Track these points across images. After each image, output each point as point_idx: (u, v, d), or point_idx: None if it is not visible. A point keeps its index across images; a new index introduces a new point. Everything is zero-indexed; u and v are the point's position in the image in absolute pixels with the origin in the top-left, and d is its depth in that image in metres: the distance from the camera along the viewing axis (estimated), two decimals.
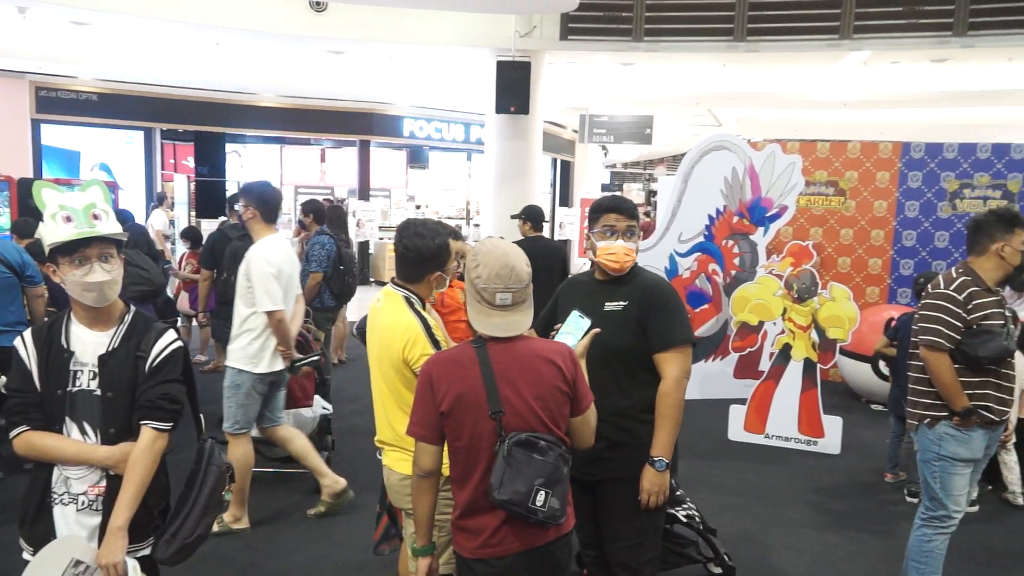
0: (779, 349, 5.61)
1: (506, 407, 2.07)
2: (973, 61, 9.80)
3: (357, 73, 11.98)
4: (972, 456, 3.18)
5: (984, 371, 3.13)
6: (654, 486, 2.59)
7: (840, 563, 3.98)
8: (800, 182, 6.78)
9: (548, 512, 2.06)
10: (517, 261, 2.16)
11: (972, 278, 3.16)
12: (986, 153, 7.34)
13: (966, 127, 15.15)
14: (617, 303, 2.68)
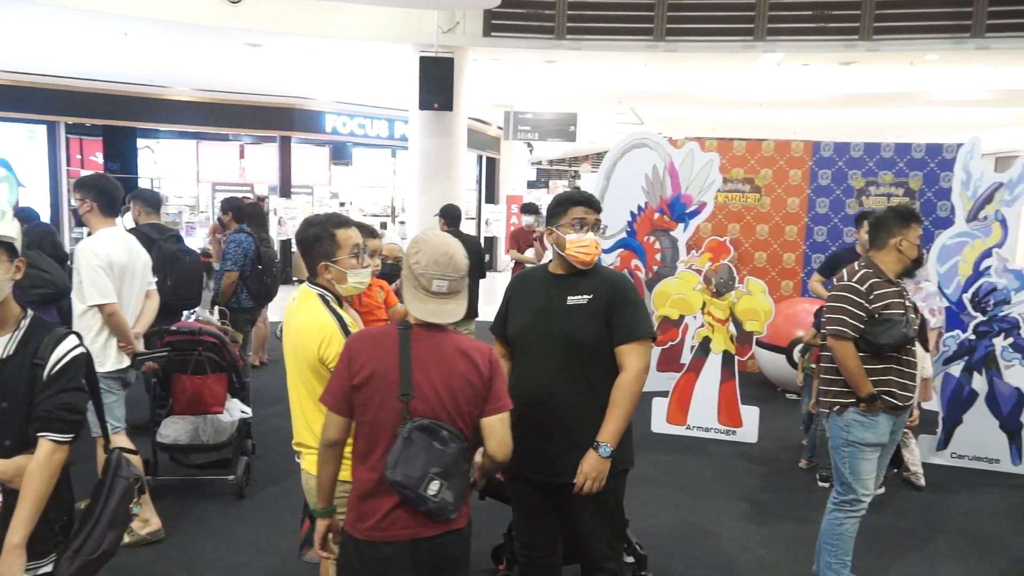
0: (699, 342, 5.76)
1: (416, 391, 2.10)
2: (878, 64, 10.26)
3: (276, 67, 11.69)
4: (878, 440, 3.33)
5: (887, 358, 3.29)
6: (594, 471, 2.58)
7: (757, 548, 4.11)
8: (718, 179, 6.96)
9: (440, 503, 2.07)
10: (456, 251, 2.20)
11: (874, 270, 3.33)
12: (889, 152, 7.69)
13: (871, 127, 15.89)
14: (581, 297, 2.68)
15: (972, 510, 4.68)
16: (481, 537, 4.05)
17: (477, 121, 16.27)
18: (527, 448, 2.67)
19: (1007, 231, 6.00)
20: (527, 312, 2.74)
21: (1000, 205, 5.98)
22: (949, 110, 14.13)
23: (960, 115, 14.81)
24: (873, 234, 3.43)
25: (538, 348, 2.69)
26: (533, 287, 2.80)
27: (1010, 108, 13.47)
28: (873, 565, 3.90)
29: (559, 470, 2.66)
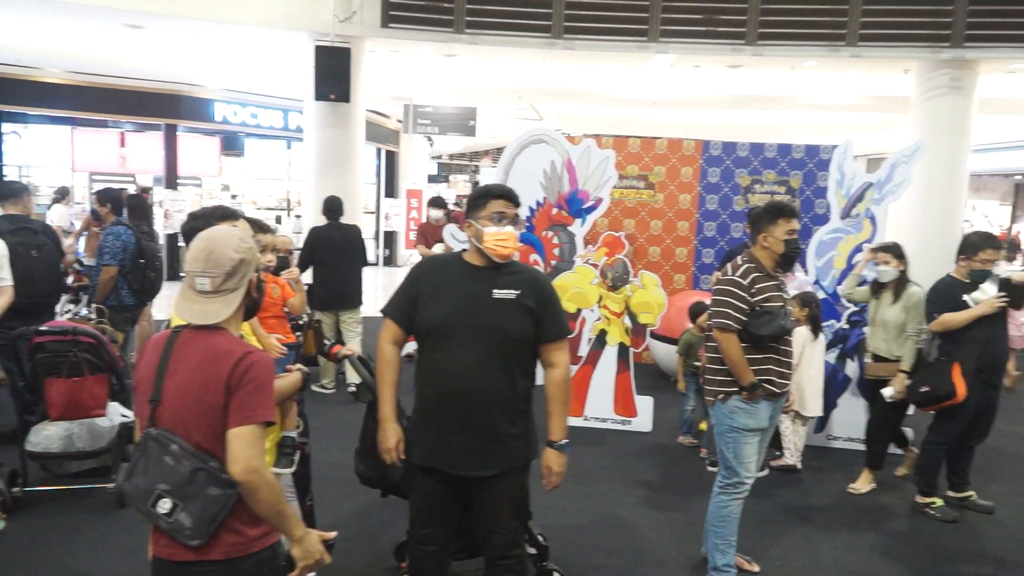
0: (595, 335, 5.89)
1: (164, 398, 1.95)
2: (762, 69, 10.75)
3: (161, 51, 11.12)
4: (759, 426, 3.51)
5: (766, 349, 3.46)
6: (561, 467, 2.76)
7: (650, 534, 4.25)
8: (614, 175, 7.10)
9: (174, 526, 1.90)
10: (219, 246, 1.99)
11: (755, 265, 3.50)
12: (772, 153, 8.08)
13: (757, 128, 16.63)
14: (509, 291, 2.67)
15: (846, 488, 4.99)
16: (383, 535, 4.01)
17: (376, 114, 16.02)
18: (446, 442, 2.65)
19: (876, 227, 6.42)
20: (448, 302, 2.68)
21: (870, 203, 6.39)
22: (826, 113, 14.97)
23: (836, 118, 15.71)
24: (750, 230, 3.62)
25: (463, 340, 2.64)
26: (450, 278, 2.74)
27: (880, 113, 14.39)
28: (757, 544, 4.10)
29: (478, 464, 2.66)
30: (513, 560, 2.78)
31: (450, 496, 2.75)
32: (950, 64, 9.35)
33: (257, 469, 1.88)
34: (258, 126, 15.24)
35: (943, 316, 4.47)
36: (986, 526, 4.53)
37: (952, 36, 9.00)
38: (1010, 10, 8.90)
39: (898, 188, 6.36)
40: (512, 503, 2.73)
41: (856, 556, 4.09)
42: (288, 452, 2.84)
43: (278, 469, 2.82)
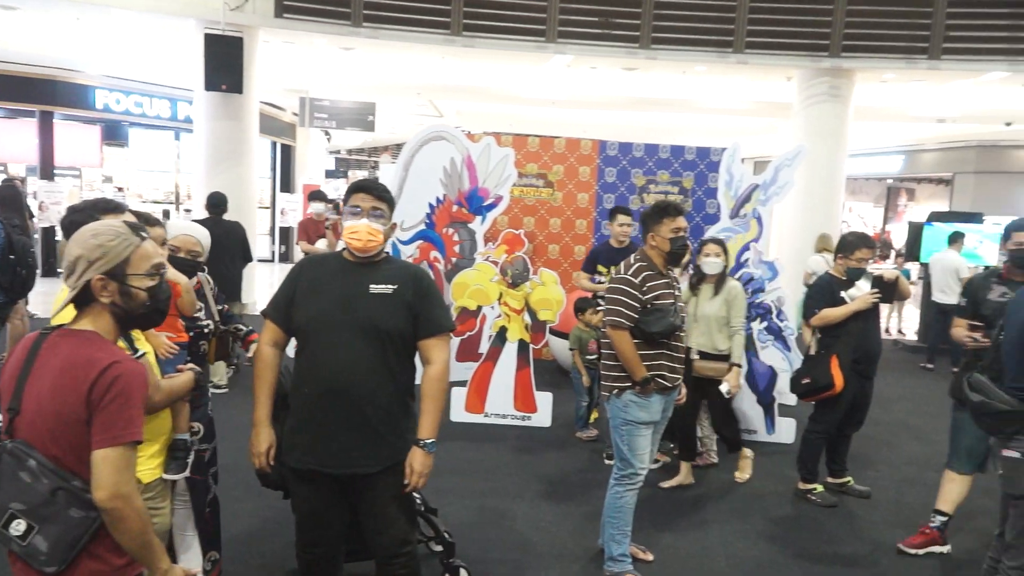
0: (496, 332, 5.93)
1: (24, 407, 1.78)
2: (656, 72, 11.09)
3: (36, 33, 10.41)
4: (651, 419, 3.62)
5: (658, 345, 3.57)
6: (424, 467, 2.64)
7: (549, 527, 4.31)
8: (513, 174, 7.17)
9: (28, 550, 1.72)
10: (74, 239, 1.85)
11: (647, 263, 3.61)
12: (666, 154, 8.35)
13: (652, 130, 17.16)
14: (385, 286, 2.63)
15: (733, 478, 5.22)
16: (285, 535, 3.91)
17: (270, 106, 15.54)
18: (325, 441, 2.59)
19: (763, 227, 6.73)
20: (323, 299, 2.64)
21: (757, 204, 6.69)
22: (717, 117, 15.61)
23: (726, 122, 16.41)
24: (642, 229, 3.72)
25: (338, 335, 2.59)
26: (327, 273, 2.70)
27: (766, 118, 15.11)
28: (651, 534, 4.23)
29: (358, 461, 2.61)
30: (404, 558, 2.74)
31: (334, 497, 2.69)
32: (828, 72, 9.92)
33: (125, 496, 1.71)
34: (143, 115, 14.50)
35: (823, 312, 4.73)
36: (863, 509, 4.84)
37: (830, 46, 9.55)
38: (884, 23, 9.53)
39: (782, 190, 6.68)
40: (399, 500, 2.70)
41: (744, 542, 4.28)
42: (180, 456, 2.72)
43: (169, 475, 2.70)
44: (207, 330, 3.15)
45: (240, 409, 4.35)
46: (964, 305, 3.95)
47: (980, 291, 3.87)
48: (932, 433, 6.47)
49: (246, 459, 2.79)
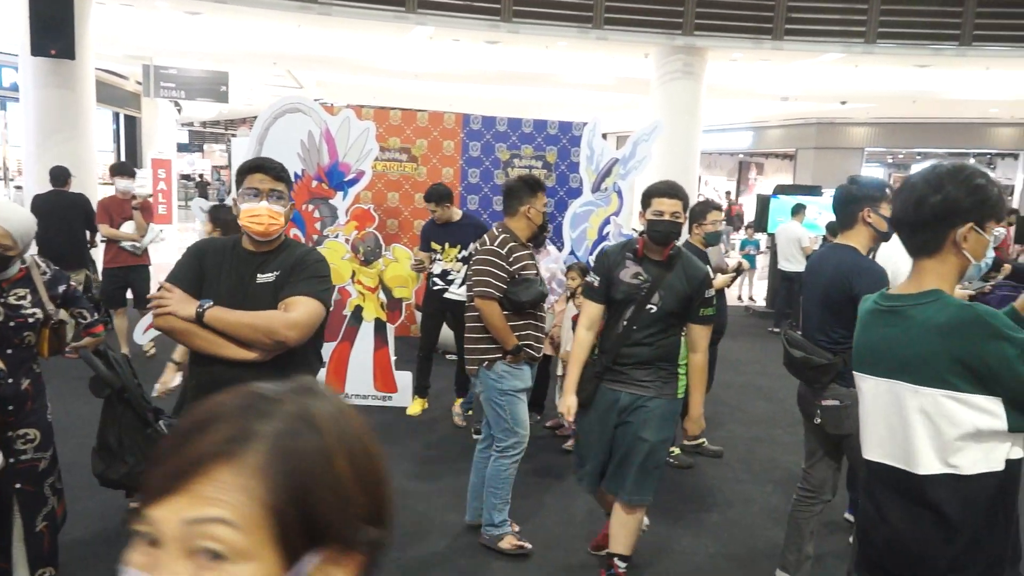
0: (351, 311, 5.77)
1: None
2: (519, 46, 11.10)
3: None
4: (526, 386, 3.70)
5: (525, 315, 3.64)
6: None
7: (417, 504, 4.27)
8: (375, 148, 6.98)
9: None
10: None
11: (510, 235, 3.63)
12: (529, 128, 8.38)
13: (517, 104, 17.24)
14: (270, 274, 2.44)
15: None
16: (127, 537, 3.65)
17: (110, 73, 14.39)
18: None
19: (623, 201, 6.92)
20: (213, 291, 2.43)
21: (617, 178, 6.86)
22: (580, 92, 15.88)
23: (589, 97, 16.72)
24: (506, 202, 3.72)
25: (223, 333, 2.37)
26: (225, 259, 2.49)
27: (627, 94, 15.52)
28: (522, 504, 4.28)
29: None
30: None
31: None
32: (682, 50, 10.28)
33: None
34: None
35: None
36: (715, 468, 5.11)
37: (684, 24, 9.90)
38: (732, 3, 9.96)
39: (640, 164, 6.89)
40: None
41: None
42: None
43: None
44: (32, 319, 2.85)
45: (83, 401, 4.01)
46: (596, 285, 3.27)
47: (614, 269, 3.27)
48: (778, 392, 6.93)
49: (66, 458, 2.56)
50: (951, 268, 1.74)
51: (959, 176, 1.72)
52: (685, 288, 3.17)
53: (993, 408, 1.61)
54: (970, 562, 1.68)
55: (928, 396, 1.67)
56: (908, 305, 1.74)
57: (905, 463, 1.74)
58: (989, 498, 1.67)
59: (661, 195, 3.19)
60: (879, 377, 1.80)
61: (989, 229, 1.73)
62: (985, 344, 1.59)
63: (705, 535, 4.12)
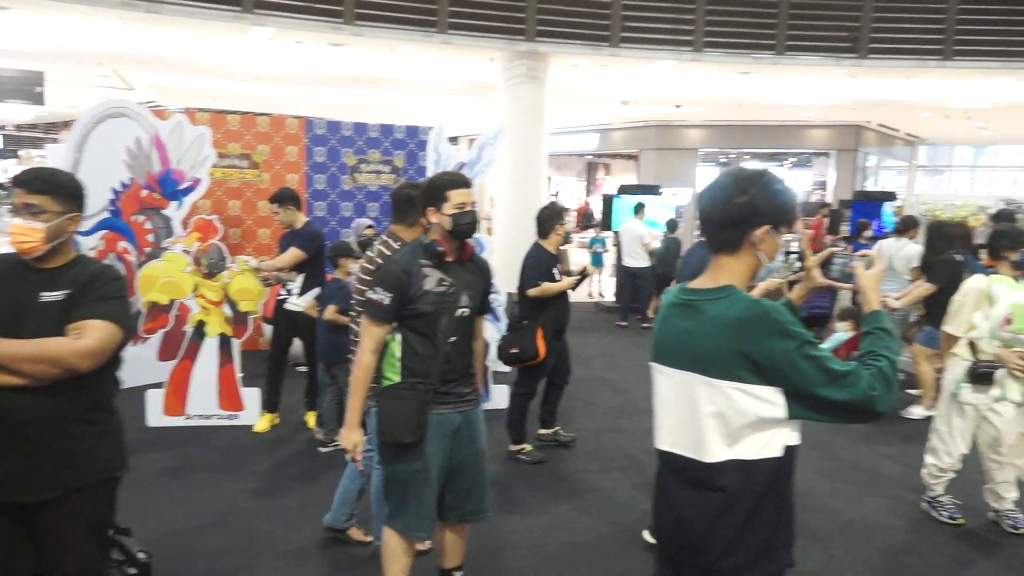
0: (193, 327, 5.49)
1: None
2: (364, 48, 10.95)
3: None
4: None
5: None
6: None
7: (263, 524, 4.13)
8: (211, 154, 6.70)
9: None
10: None
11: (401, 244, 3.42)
12: (376, 132, 8.32)
13: (364, 108, 17.00)
14: (58, 293, 2.26)
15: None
16: None
17: None
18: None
19: None
20: None
21: None
22: (428, 95, 15.86)
23: (437, 100, 16.73)
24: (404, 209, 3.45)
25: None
26: (5, 276, 2.31)
27: (475, 97, 15.67)
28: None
29: (30, 489, 2.27)
30: None
31: (11, 528, 2.34)
32: (526, 55, 10.52)
33: None
34: None
35: (544, 284, 5.10)
36: (565, 461, 5.28)
37: (526, 31, 10.13)
38: (571, 11, 10.31)
39: (487, 167, 7.00)
40: (86, 525, 2.40)
41: None
42: None
43: None
44: None
45: None
46: (387, 303, 2.83)
47: (413, 281, 2.85)
48: (625, 384, 7.25)
49: None
50: (746, 266, 1.88)
51: (762, 181, 1.86)
52: (482, 282, 3.04)
53: (774, 398, 1.76)
54: (744, 544, 1.81)
55: (718, 388, 1.78)
56: (703, 300, 1.86)
57: (694, 452, 1.85)
58: (766, 482, 1.80)
59: (457, 186, 2.90)
60: (673, 368, 1.90)
61: (782, 233, 1.89)
62: (769, 339, 1.73)
63: (556, 526, 4.25)
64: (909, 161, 23.81)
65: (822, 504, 4.60)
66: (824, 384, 1.72)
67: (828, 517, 4.42)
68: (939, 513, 4.38)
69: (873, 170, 22.04)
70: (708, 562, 1.83)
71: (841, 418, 1.77)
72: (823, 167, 22.26)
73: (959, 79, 11.97)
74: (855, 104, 15.80)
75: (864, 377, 1.74)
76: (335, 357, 4.83)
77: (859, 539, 4.15)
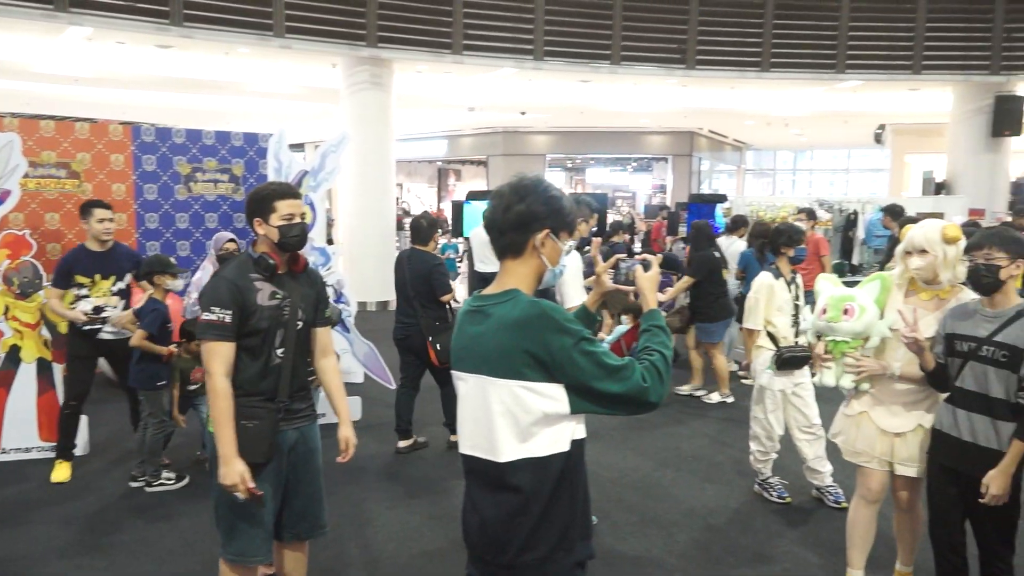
0: (6, 352, 4.98)
1: None
2: (196, 51, 10.42)
3: None
4: None
5: None
6: None
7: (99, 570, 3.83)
8: (22, 163, 6.11)
9: None
10: None
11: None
12: (211, 140, 7.89)
13: (199, 113, 16.17)
14: None
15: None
16: None
17: None
18: None
19: (316, 213, 6.82)
20: None
21: (308, 190, 6.75)
22: (268, 101, 15.32)
23: (279, 106, 16.20)
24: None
25: None
26: None
27: (319, 103, 15.30)
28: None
29: None
30: None
31: None
32: (369, 61, 10.41)
33: None
34: None
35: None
36: (418, 468, 5.26)
37: (368, 36, 10.02)
38: (413, 17, 10.29)
39: (331, 175, 6.86)
40: None
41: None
42: None
43: None
44: None
45: None
46: (228, 321, 2.66)
47: (246, 296, 2.71)
48: None
49: None
50: (530, 270, 1.97)
51: (539, 188, 1.96)
52: (314, 294, 2.93)
53: (557, 394, 1.85)
54: (541, 539, 1.89)
55: (505, 387, 1.86)
56: (490, 304, 1.93)
57: (489, 453, 1.92)
58: (557, 476, 1.89)
59: (284, 197, 2.79)
60: (468, 373, 1.96)
61: (563, 238, 1.99)
62: (549, 335, 1.82)
63: (408, 537, 4.20)
64: (738, 165, 25.64)
65: (666, 493, 4.84)
66: (601, 378, 1.82)
67: (671, 505, 4.66)
68: (769, 494, 4.73)
69: (707, 174, 23.55)
70: (508, 559, 1.90)
71: (619, 409, 1.88)
72: (663, 171, 23.52)
73: (776, 89, 13.04)
74: (687, 112, 16.83)
75: (637, 371, 1.86)
76: (146, 384, 4.58)
77: (699, 524, 4.40)
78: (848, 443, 3.35)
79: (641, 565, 3.90)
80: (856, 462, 3.34)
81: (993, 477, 2.71)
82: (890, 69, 11.62)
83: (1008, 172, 12.98)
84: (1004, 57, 11.47)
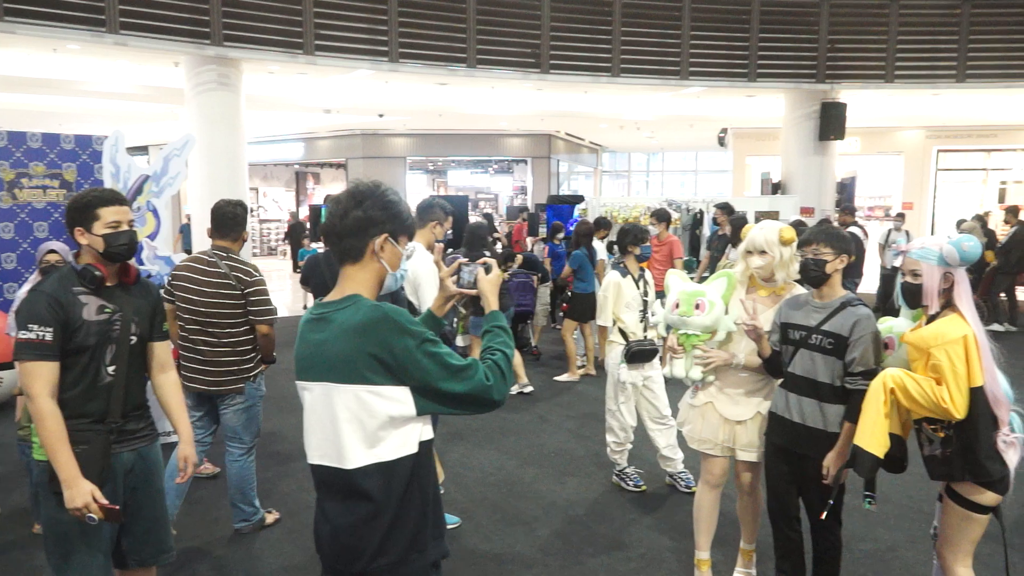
0: None
1: None
2: (19, 48, 9.59)
3: None
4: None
5: None
6: None
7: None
8: None
9: None
10: None
11: None
12: (38, 143, 7.30)
13: (21, 113, 14.84)
14: None
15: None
16: None
17: None
18: None
19: (160, 219, 6.45)
20: None
21: (150, 196, 6.37)
22: (105, 101, 14.30)
23: (117, 107, 15.15)
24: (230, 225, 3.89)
25: None
26: None
27: (162, 104, 14.45)
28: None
29: None
30: None
31: None
32: (215, 61, 9.94)
33: None
34: None
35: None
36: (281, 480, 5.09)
37: (212, 34, 9.57)
38: (262, 15, 9.92)
39: (175, 180, 6.50)
40: None
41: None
42: None
43: None
44: None
45: None
46: (51, 340, 2.48)
47: (70, 311, 2.53)
48: None
49: None
50: (370, 275, 1.97)
51: (376, 193, 1.95)
52: (148, 305, 2.76)
53: (402, 397, 1.86)
54: (394, 543, 1.90)
55: (350, 392, 1.86)
56: (332, 311, 1.92)
57: (337, 460, 1.90)
58: (407, 479, 1.90)
59: (108, 203, 2.62)
60: (313, 382, 1.94)
61: (402, 243, 2.01)
62: (392, 338, 1.83)
63: (268, 552, 4.06)
64: (595, 167, 26.51)
65: (528, 490, 4.94)
66: (445, 378, 1.85)
67: (533, 501, 4.76)
68: (626, 483, 4.93)
69: (565, 175, 24.20)
70: (361, 566, 1.89)
71: (465, 408, 1.91)
72: (523, 173, 23.94)
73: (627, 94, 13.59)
74: (544, 115, 17.23)
75: (481, 370, 1.89)
76: None
77: (560, 517, 4.52)
78: (693, 432, 3.56)
79: (504, 562, 3.96)
80: (701, 449, 3.54)
81: (832, 459, 2.96)
82: (728, 77, 12.39)
83: (834, 173, 14.16)
84: (829, 67, 12.51)
